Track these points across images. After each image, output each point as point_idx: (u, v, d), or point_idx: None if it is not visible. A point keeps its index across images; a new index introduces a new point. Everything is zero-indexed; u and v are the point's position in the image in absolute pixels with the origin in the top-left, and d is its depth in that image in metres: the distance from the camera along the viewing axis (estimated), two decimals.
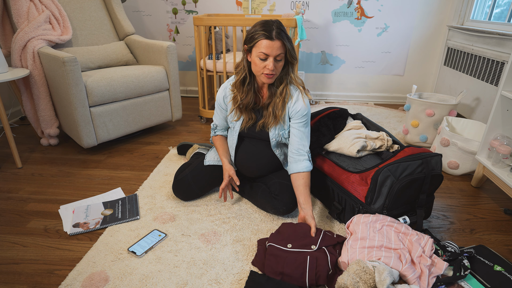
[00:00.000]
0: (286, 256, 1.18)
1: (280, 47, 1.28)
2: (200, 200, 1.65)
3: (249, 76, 1.40)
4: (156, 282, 1.17)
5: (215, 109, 1.59)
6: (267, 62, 1.29)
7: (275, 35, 1.26)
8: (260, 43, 1.27)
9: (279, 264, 1.16)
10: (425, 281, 1.10)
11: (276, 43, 1.26)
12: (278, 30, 1.27)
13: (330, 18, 3.06)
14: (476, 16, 2.74)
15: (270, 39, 1.26)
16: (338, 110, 1.81)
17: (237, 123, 1.51)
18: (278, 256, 1.18)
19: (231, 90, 1.48)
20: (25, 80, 2.14)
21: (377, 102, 3.33)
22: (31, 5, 2.10)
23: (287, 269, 1.14)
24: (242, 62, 1.40)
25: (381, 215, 1.29)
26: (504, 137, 1.62)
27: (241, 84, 1.42)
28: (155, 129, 2.58)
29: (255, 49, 1.30)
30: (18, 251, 1.33)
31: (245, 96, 1.43)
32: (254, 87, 1.43)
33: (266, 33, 1.26)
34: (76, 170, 1.96)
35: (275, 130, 1.47)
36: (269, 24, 1.28)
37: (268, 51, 1.27)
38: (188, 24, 3.21)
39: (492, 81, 2.27)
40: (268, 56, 1.28)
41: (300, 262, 1.15)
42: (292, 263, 1.15)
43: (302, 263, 1.15)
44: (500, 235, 1.45)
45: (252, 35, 1.30)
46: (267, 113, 1.44)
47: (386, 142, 1.57)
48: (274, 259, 1.18)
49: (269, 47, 1.26)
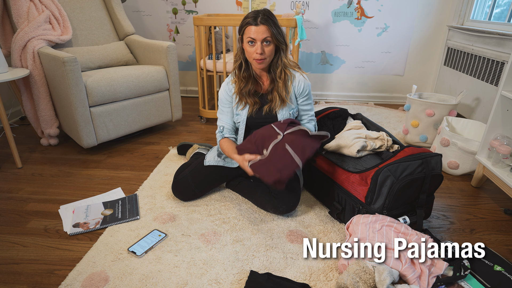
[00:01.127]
0: (270, 159, 1.29)
1: (265, 31, 1.36)
2: (200, 200, 1.66)
3: (244, 63, 1.48)
4: (156, 282, 1.17)
5: (219, 109, 1.60)
6: (255, 47, 1.38)
7: (259, 21, 1.36)
8: (247, 29, 1.38)
9: (271, 167, 1.27)
10: (425, 281, 1.10)
11: (261, 27, 1.35)
12: (263, 17, 1.36)
13: (330, 18, 3.06)
14: (476, 16, 2.74)
15: (255, 25, 1.36)
16: (338, 110, 1.81)
17: (243, 112, 1.54)
18: (265, 164, 1.29)
19: (233, 81, 1.54)
20: (25, 80, 2.14)
21: (377, 102, 3.33)
22: (31, 5, 2.10)
23: (279, 165, 1.26)
24: (238, 51, 1.49)
25: (380, 215, 1.29)
26: (504, 137, 1.62)
27: (238, 70, 1.50)
28: (155, 129, 2.58)
29: (245, 36, 1.40)
30: (18, 251, 1.33)
31: (244, 84, 1.50)
32: (252, 74, 1.50)
33: (253, 20, 1.36)
34: (76, 170, 1.96)
35: (283, 111, 1.52)
36: (256, 12, 1.39)
37: (254, 36, 1.36)
38: (188, 24, 3.21)
39: (492, 81, 2.27)
40: (255, 40, 1.37)
41: (282, 153, 1.28)
42: (278, 159, 1.28)
43: (285, 152, 1.28)
44: (500, 235, 1.45)
45: (241, 24, 1.41)
46: (273, 97, 1.51)
47: (386, 142, 1.57)
48: (265, 168, 1.28)
49: (255, 32, 1.36)
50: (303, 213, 1.56)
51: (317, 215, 1.55)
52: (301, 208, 1.59)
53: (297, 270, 1.23)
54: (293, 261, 1.27)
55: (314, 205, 1.62)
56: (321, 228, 1.46)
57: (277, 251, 1.32)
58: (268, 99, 1.52)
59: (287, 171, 1.27)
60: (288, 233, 1.42)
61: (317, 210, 1.59)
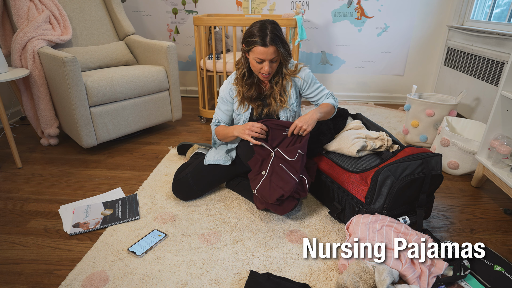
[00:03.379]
0: (269, 178, 1.40)
1: (274, 52, 1.37)
2: (200, 200, 1.66)
3: (248, 72, 1.49)
4: (156, 282, 1.17)
5: (218, 104, 1.63)
6: (263, 65, 1.40)
7: (269, 42, 1.34)
8: (255, 49, 1.36)
9: (273, 185, 1.37)
10: (425, 281, 1.10)
11: (270, 49, 1.35)
12: (272, 36, 1.34)
13: (330, 18, 3.06)
14: (476, 16, 2.74)
15: (264, 46, 1.34)
16: (338, 110, 1.81)
17: (245, 114, 1.56)
18: (266, 184, 1.39)
19: (234, 85, 1.55)
20: (25, 80, 2.14)
21: (377, 102, 3.33)
22: (31, 5, 2.10)
23: (280, 183, 1.36)
24: (242, 59, 1.49)
25: (380, 215, 1.29)
26: (504, 137, 1.62)
27: (241, 79, 1.51)
28: (155, 129, 2.58)
29: (252, 54, 1.39)
30: (18, 251, 1.33)
31: (247, 89, 1.51)
32: (255, 81, 1.52)
33: (261, 40, 1.34)
34: (76, 170, 1.96)
35: (283, 112, 1.56)
36: (264, 28, 1.34)
37: (263, 57, 1.37)
38: (188, 24, 3.21)
39: (492, 81, 2.27)
40: (264, 60, 1.38)
41: (279, 170, 1.39)
42: (277, 177, 1.39)
43: (281, 169, 1.39)
44: (500, 235, 1.45)
45: (248, 40, 1.38)
46: (271, 101, 1.54)
47: (386, 142, 1.57)
48: (268, 188, 1.38)
49: (264, 53, 1.35)
50: (303, 213, 1.56)
51: (317, 215, 1.55)
52: (301, 208, 1.59)
53: (297, 270, 1.23)
54: (293, 261, 1.27)
55: (314, 205, 1.62)
56: (321, 228, 1.46)
57: (277, 251, 1.32)
58: (267, 102, 1.56)
59: (288, 187, 1.35)
60: (288, 233, 1.42)
61: (317, 210, 1.59)
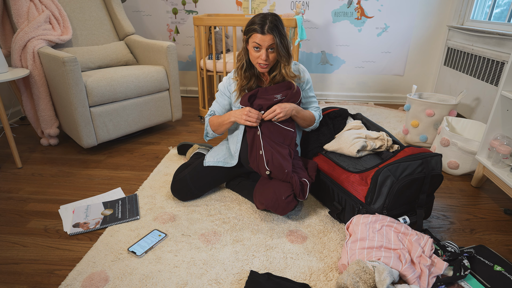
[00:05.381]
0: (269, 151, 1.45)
1: (270, 40, 1.40)
2: (200, 200, 1.66)
3: (247, 63, 1.52)
4: (156, 282, 1.17)
5: (216, 98, 1.67)
6: (260, 53, 1.43)
7: (267, 30, 1.38)
8: (254, 36, 1.41)
9: (269, 189, 1.43)
10: (425, 281, 1.10)
11: (267, 36, 1.39)
12: (271, 25, 1.38)
13: (330, 18, 3.06)
14: (476, 16, 2.74)
15: (262, 33, 1.39)
16: (338, 110, 1.81)
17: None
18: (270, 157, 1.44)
19: (234, 79, 1.58)
20: (25, 80, 2.14)
21: (377, 102, 3.33)
22: (31, 5, 2.10)
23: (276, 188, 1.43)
24: (242, 51, 1.52)
25: (380, 215, 1.29)
26: (504, 137, 1.62)
27: (241, 70, 1.54)
28: (155, 129, 2.58)
29: (251, 40, 1.43)
30: (18, 251, 1.33)
31: (246, 82, 1.54)
32: (255, 73, 1.55)
33: (260, 28, 1.38)
34: (76, 170, 1.96)
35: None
36: (264, 18, 1.40)
37: (261, 43, 1.40)
38: (188, 24, 3.21)
39: (492, 81, 2.27)
40: (261, 47, 1.41)
41: (272, 138, 1.47)
42: (274, 142, 1.47)
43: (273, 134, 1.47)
44: (500, 235, 1.45)
45: (248, 27, 1.43)
46: None
47: (386, 142, 1.57)
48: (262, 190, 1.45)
49: (261, 40, 1.39)
50: (303, 213, 1.56)
51: (317, 215, 1.55)
52: (301, 208, 1.59)
53: (297, 270, 1.23)
54: (293, 261, 1.27)
55: (314, 205, 1.62)
56: (321, 228, 1.46)
57: (277, 251, 1.32)
58: None
59: (287, 162, 1.42)
60: (288, 233, 1.42)
61: (317, 210, 1.59)
